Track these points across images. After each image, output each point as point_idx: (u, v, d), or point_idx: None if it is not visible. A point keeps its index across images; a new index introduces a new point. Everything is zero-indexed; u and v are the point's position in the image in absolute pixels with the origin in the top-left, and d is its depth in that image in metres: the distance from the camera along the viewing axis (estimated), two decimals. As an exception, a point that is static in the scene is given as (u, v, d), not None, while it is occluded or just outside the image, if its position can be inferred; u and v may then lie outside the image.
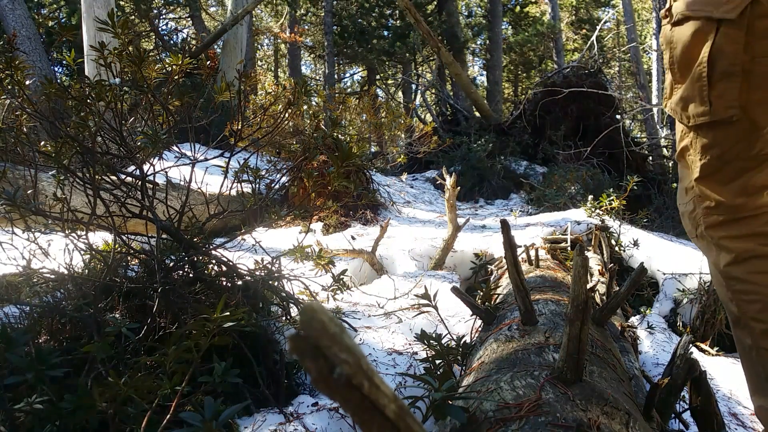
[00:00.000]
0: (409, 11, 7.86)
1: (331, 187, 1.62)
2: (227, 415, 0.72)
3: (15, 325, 1.36)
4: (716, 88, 0.92)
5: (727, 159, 0.95)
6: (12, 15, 6.47)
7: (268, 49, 20.89)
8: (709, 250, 1.04)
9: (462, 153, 7.44)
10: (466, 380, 1.06)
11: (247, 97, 4.68)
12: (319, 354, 0.30)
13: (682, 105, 0.99)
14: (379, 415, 0.33)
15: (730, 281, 1.00)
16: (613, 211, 3.70)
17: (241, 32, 9.06)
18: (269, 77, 16.12)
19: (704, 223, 1.02)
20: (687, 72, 0.97)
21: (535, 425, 0.72)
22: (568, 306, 0.84)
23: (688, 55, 0.96)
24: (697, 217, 1.04)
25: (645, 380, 1.49)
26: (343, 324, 1.62)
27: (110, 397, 0.85)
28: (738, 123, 0.92)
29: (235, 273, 1.65)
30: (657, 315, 2.59)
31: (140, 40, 10.84)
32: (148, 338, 1.29)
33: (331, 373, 0.30)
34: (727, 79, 0.91)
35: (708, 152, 0.97)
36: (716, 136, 0.95)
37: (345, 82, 19.93)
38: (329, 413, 1.31)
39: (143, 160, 1.63)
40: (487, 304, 1.62)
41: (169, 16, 13.10)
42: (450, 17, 12.57)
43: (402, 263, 3.19)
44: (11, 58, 1.47)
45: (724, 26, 0.90)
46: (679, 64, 0.99)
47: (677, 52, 0.99)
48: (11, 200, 1.33)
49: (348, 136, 5.95)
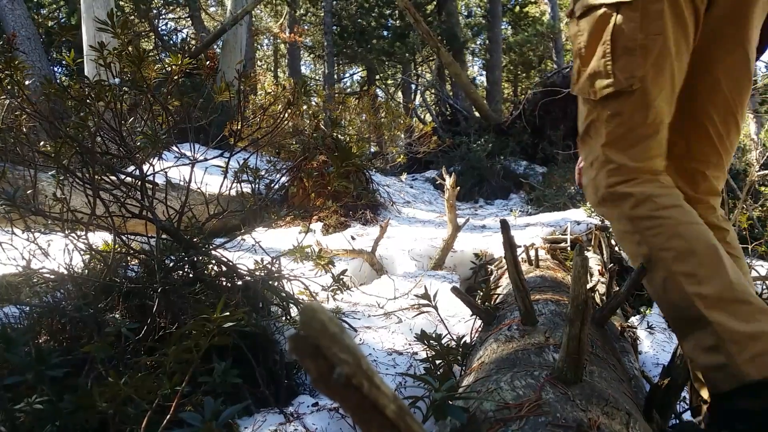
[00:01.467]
0: (409, 11, 7.86)
1: (330, 187, 1.62)
2: (227, 415, 0.72)
3: (15, 325, 1.36)
4: (618, 62, 1.08)
5: (628, 126, 1.11)
6: (12, 15, 6.47)
7: (267, 49, 20.89)
8: (612, 208, 1.16)
9: (462, 153, 7.44)
10: (466, 380, 1.06)
11: (246, 97, 4.68)
12: (319, 354, 0.30)
13: (590, 82, 1.13)
14: (379, 415, 0.33)
15: (638, 221, 1.11)
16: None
17: (240, 32, 9.06)
18: (269, 77, 16.11)
19: (606, 183, 1.14)
20: (593, 54, 1.12)
21: (535, 425, 0.72)
22: (568, 306, 0.84)
23: (594, 39, 1.12)
24: (599, 180, 1.16)
25: (645, 380, 1.49)
26: (343, 324, 1.62)
27: (110, 397, 0.85)
28: (637, 93, 1.08)
29: (235, 273, 1.65)
30: (657, 315, 2.58)
31: (140, 40, 10.84)
32: (148, 338, 1.29)
33: (331, 373, 0.30)
34: (627, 54, 1.07)
35: (613, 120, 1.12)
36: (619, 105, 1.11)
37: (345, 82, 19.93)
38: (329, 413, 1.31)
39: (143, 160, 1.63)
40: (487, 304, 1.62)
41: (169, 16, 13.10)
42: (450, 17, 12.58)
43: (402, 263, 3.19)
44: (11, 58, 1.46)
45: (623, 9, 1.07)
46: (586, 49, 1.14)
47: (584, 38, 1.14)
48: (11, 200, 1.33)
49: (348, 136, 5.95)
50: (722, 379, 1.00)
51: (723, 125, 1.24)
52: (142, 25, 11.08)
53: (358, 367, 0.31)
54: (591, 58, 1.13)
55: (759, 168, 3.11)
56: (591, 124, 1.17)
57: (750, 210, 2.95)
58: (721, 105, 1.22)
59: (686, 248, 1.06)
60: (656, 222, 1.09)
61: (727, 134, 1.25)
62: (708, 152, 1.27)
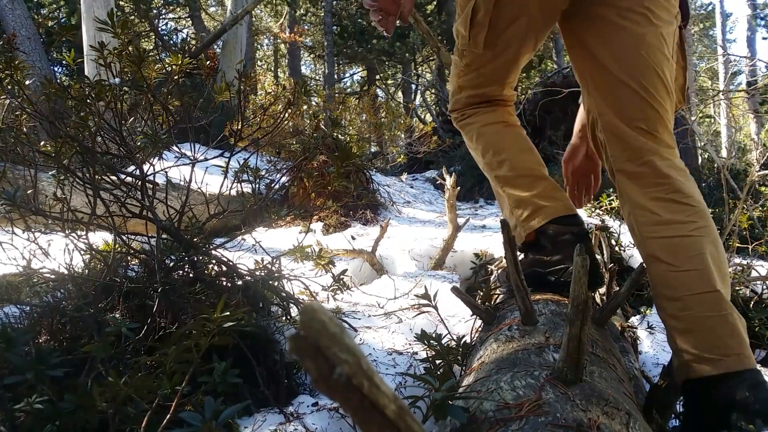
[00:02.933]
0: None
1: (331, 187, 1.62)
2: (227, 415, 0.72)
3: (15, 325, 1.36)
4: (473, 29, 1.37)
5: (477, 72, 1.48)
6: (12, 15, 6.47)
7: (267, 49, 20.90)
8: (456, 123, 1.62)
9: (462, 153, 7.43)
10: (466, 380, 1.06)
11: (246, 97, 4.68)
12: (319, 354, 0.30)
13: (457, 36, 1.46)
14: (379, 415, 0.33)
15: (463, 129, 1.60)
16: (613, 211, 3.70)
17: (240, 32, 9.06)
18: (269, 77, 16.11)
19: (453, 101, 1.58)
20: (467, 20, 1.41)
21: (535, 425, 0.72)
22: (568, 306, 0.84)
23: (461, 8, 1.41)
24: (450, 107, 1.61)
25: (645, 380, 1.49)
26: (343, 324, 1.62)
27: (110, 397, 0.85)
28: (482, 56, 1.42)
29: (235, 273, 1.65)
30: (657, 315, 2.58)
31: (140, 40, 10.84)
32: (148, 338, 1.29)
33: (331, 373, 0.30)
34: (479, 26, 1.35)
35: (467, 68, 1.49)
36: (472, 58, 1.45)
37: (345, 82, 19.94)
38: (329, 413, 1.31)
39: (143, 160, 1.63)
40: (487, 304, 1.61)
41: (169, 16, 13.10)
42: (450, 17, 12.57)
43: (402, 263, 3.19)
44: (11, 58, 1.46)
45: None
46: (463, 17, 1.43)
47: (460, 3, 1.45)
48: (11, 200, 1.33)
49: (348, 136, 5.96)
50: (518, 238, 1.47)
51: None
52: (143, 25, 11.09)
53: (358, 367, 0.31)
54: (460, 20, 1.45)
55: (759, 168, 3.11)
56: (455, 65, 1.54)
57: (750, 210, 2.94)
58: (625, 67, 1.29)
59: (486, 143, 1.51)
60: (470, 128, 1.55)
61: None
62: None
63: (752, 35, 12.74)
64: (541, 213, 1.41)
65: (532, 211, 1.42)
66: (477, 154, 1.56)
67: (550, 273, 1.41)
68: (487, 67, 1.45)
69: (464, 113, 1.56)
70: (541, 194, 1.42)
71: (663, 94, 1.23)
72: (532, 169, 1.46)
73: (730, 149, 9.57)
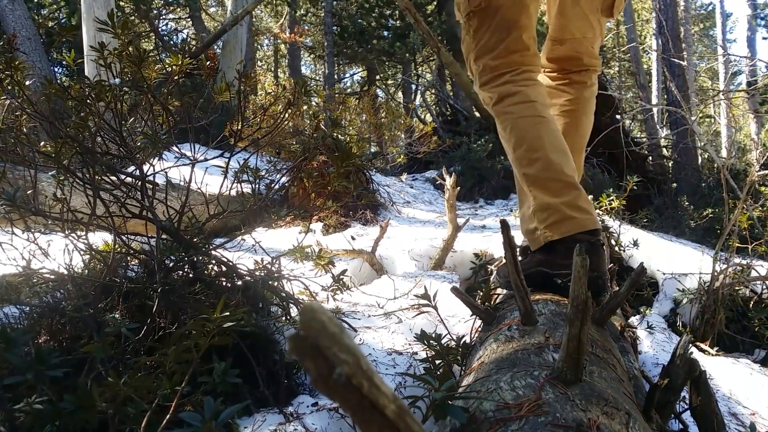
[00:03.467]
0: (409, 11, 7.85)
1: (331, 187, 1.62)
2: (227, 415, 0.72)
3: (15, 325, 1.36)
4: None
5: (487, 34, 1.49)
6: (12, 15, 6.47)
7: (268, 50, 20.90)
8: (489, 107, 1.59)
9: (462, 153, 7.42)
10: (466, 380, 1.06)
11: (247, 97, 4.68)
12: (319, 354, 0.30)
13: (458, 9, 1.54)
14: (379, 415, 0.33)
15: (498, 116, 1.55)
16: (613, 211, 3.69)
17: (240, 32, 9.06)
18: (269, 77, 16.11)
19: (479, 81, 1.56)
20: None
21: (535, 425, 0.72)
22: (568, 306, 0.84)
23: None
24: (477, 86, 1.59)
25: (645, 380, 1.49)
26: (343, 324, 1.62)
27: (110, 397, 0.85)
28: (486, 8, 1.46)
29: (235, 273, 1.65)
30: (657, 315, 2.59)
31: (140, 40, 10.84)
32: (148, 338, 1.29)
33: (331, 373, 0.30)
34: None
35: (477, 33, 1.51)
36: (478, 19, 1.49)
37: (345, 82, 19.94)
38: (329, 413, 1.31)
39: (143, 161, 1.63)
40: (487, 304, 1.61)
41: (169, 17, 13.10)
42: (450, 17, 12.57)
43: (402, 263, 3.19)
44: (11, 58, 1.46)
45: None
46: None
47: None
48: (11, 200, 1.33)
49: (348, 136, 5.95)
50: (533, 241, 1.45)
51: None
52: (143, 25, 11.09)
53: (358, 367, 0.31)
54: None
55: (759, 168, 3.11)
56: (466, 45, 1.56)
57: (750, 210, 2.94)
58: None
59: (519, 137, 1.45)
60: (505, 117, 1.50)
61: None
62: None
63: (752, 35, 12.75)
64: (569, 223, 1.38)
65: (559, 219, 1.38)
66: (508, 146, 1.51)
67: (558, 276, 1.40)
68: (496, 18, 1.45)
69: (496, 88, 1.50)
70: (570, 203, 1.38)
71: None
72: (564, 173, 1.41)
73: (730, 149, 9.58)
